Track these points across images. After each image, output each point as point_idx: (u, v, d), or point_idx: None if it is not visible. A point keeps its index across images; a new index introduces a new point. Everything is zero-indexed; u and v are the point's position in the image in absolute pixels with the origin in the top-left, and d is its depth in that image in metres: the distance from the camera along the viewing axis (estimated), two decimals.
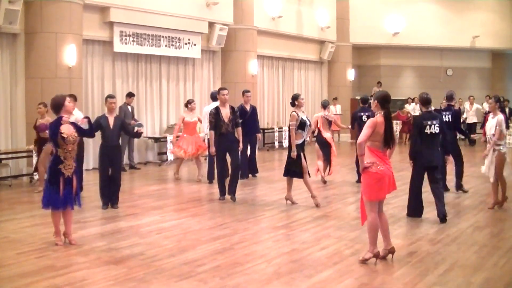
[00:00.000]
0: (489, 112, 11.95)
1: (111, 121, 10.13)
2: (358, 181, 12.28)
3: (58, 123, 7.53)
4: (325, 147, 12.87)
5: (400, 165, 15.07)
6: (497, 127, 9.77)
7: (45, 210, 7.75)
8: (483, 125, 12.42)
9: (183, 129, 13.59)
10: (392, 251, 6.88)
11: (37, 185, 11.76)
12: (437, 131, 9.01)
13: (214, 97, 12.76)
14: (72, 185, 7.58)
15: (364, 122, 12.22)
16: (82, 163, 11.26)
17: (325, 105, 13.26)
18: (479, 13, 27.42)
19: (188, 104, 13.65)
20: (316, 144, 13.05)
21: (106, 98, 10.52)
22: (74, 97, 10.81)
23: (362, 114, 12.99)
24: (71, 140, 7.50)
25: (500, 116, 9.89)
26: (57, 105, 7.60)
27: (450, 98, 11.70)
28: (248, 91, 13.79)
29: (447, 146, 9.91)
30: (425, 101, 9.34)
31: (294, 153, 10.06)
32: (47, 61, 13.47)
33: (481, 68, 29.27)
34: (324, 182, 12.96)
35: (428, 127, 8.99)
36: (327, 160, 13.00)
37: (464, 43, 27.32)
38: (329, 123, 13.14)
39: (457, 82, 28.19)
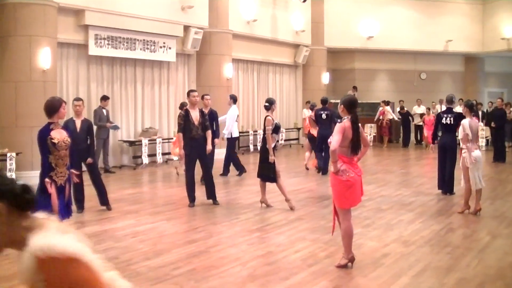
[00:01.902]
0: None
1: (78, 124, 10.09)
2: (319, 171, 14.89)
3: (47, 129, 7.19)
4: (313, 142, 15.36)
5: (375, 168, 15.31)
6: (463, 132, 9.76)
7: None
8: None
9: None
10: (352, 259, 6.85)
11: None
12: None
13: (234, 99, 13.99)
14: (65, 194, 7.26)
15: (323, 120, 14.73)
16: None
17: (312, 108, 16.14)
18: (452, 17, 27.72)
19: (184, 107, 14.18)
20: (306, 139, 16.00)
21: (73, 101, 10.63)
22: None
23: (322, 112, 15.04)
24: (63, 145, 7.19)
25: (464, 121, 9.87)
26: (51, 108, 7.21)
27: (450, 101, 12.02)
28: (207, 95, 13.54)
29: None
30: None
31: (272, 157, 10.08)
32: (21, 64, 13.31)
33: (454, 72, 29.57)
34: (307, 169, 15.56)
35: None
36: (315, 151, 15.26)
37: (438, 47, 27.59)
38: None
39: (430, 85, 28.51)
